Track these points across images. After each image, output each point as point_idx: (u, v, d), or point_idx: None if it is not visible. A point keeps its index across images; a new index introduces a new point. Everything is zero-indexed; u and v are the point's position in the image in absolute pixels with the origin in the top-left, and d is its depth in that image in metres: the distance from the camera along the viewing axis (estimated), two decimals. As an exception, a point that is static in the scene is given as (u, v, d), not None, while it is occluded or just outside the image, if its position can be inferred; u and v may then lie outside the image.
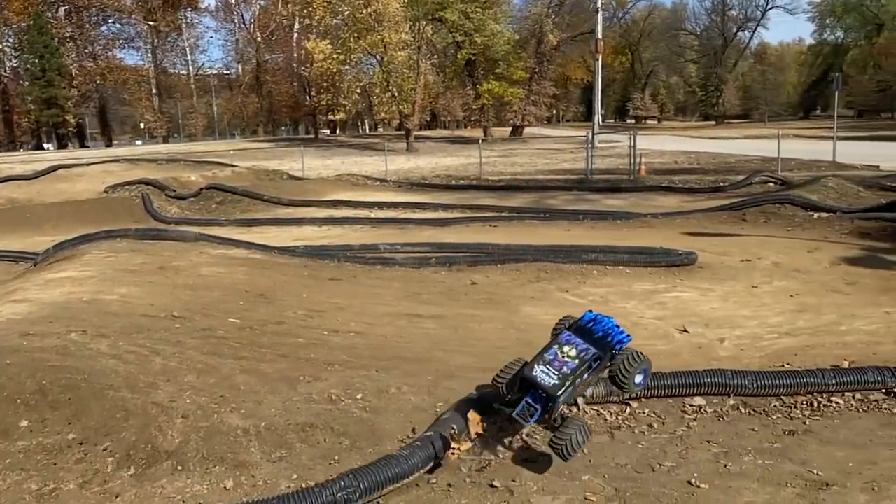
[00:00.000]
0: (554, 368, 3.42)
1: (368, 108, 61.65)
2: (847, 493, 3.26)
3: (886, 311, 6.39)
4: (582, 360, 3.45)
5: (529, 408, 3.41)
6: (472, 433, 3.80)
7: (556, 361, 3.45)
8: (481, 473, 3.50)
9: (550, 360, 3.46)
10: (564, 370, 3.42)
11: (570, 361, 3.44)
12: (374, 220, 13.61)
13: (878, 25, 70.29)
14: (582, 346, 3.50)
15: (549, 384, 3.38)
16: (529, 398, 3.43)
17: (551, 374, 3.40)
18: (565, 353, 3.48)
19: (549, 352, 3.49)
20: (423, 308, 6.68)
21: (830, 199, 12.14)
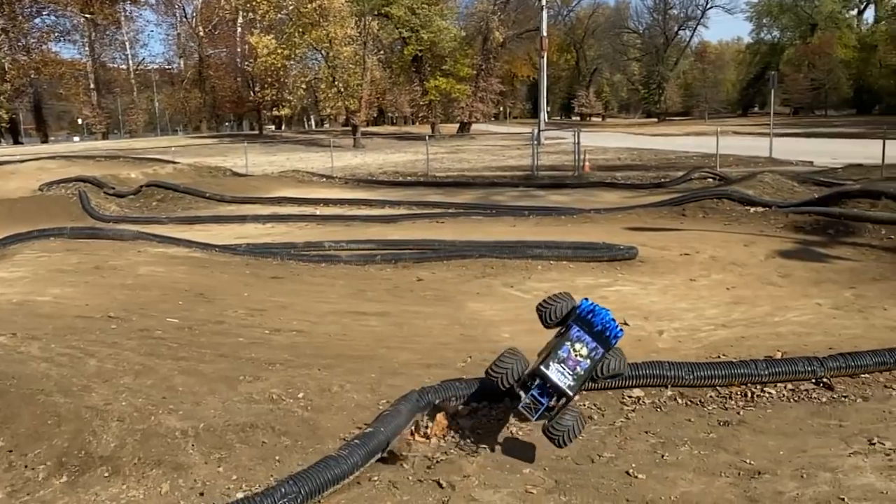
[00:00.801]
0: (568, 368, 3.44)
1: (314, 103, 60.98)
2: (777, 480, 3.37)
3: (817, 302, 6.61)
4: (593, 361, 3.50)
5: (536, 402, 3.44)
6: (436, 433, 3.81)
7: (570, 360, 3.47)
8: (425, 470, 3.51)
9: (564, 358, 3.46)
10: (578, 370, 3.46)
11: (583, 361, 3.48)
12: (319, 218, 13.46)
13: (812, 25, 72.69)
14: (591, 346, 3.53)
15: (565, 385, 3.41)
16: (536, 393, 3.44)
17: (566, 374, 3.43)
18: (577, 351, 3.50)
19: (562, 349, 3.48)
20: (367, 305, 6.65)
21: (766, 194, 12.49)
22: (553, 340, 3.63)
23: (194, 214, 15.17)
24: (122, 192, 18.34)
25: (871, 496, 3.18)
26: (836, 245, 9.00)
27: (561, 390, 3.40)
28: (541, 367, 3.41)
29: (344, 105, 46.49)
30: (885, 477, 3.34)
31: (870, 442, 3.70)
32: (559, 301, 3.71)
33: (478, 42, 55.51)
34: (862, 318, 6.04)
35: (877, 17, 72.64)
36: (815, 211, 10.38)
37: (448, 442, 3.80)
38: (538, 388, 3.44)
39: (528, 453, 3.69)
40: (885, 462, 3.48)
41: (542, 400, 3.41)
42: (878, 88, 66.84)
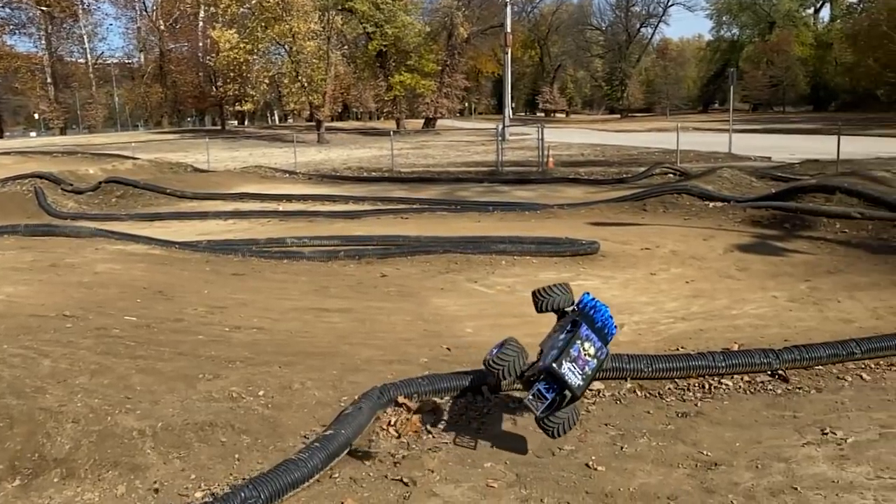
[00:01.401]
0: (578, 367, 3.47)
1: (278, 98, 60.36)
2: (733, 471, 3.43)
3: (774, 295, 6.75)
4: (599, 361, 3.57)
5: (541, 396, 3.44)
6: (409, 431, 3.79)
7: (580, 360, 3.50)
8: (387, 466, 3.50)
9: (575, 357, 3.48)
10: (587, 370, 3.50)
11: (591, 361, 3.52)
12: (282, 214, 13.34)
13: (771, 23, 74.00)
14: (598, 345, 3.59)
15: (575, 384, 3.44)
16: (542, 387, 3.44)
17: (576, 374, 3.45)
18: (586, 350, 3.53)
19: (573, 348, 3.49)
20: (330, 302, 6.61)
21: (725, 189, 12.71)
22: (558, 335, 3.62)
23: (155, 211, 14.93)
24: (81, 188, 17.96)
25: (822, 485, 3.25)
26: (792, 239, 9.19)
27: (573, 391, 3.45)
28: (553, 365, 3.41)
29: (308, 100, 46.06)
30: (837, 466, 3.42)
31: (822, 432, 3.78)
32: (560, 294, 3.75)
33: (442, 38, 55.44)
34: (817, 311, 6.18)
35: (832, 16, 74.24)
36: (772, 205, 10.58)
37: (409, 437, 3.80)
38: (545, 382, 3.45)
39: (489, 447, 3.71)
40: (837, 452, 3.57)
41: (548, 395, 3.44)
42: (833, 85, 68.33)
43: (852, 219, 9.45)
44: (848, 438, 3.69)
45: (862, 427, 3.83)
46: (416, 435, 3.76)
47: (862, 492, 3.17)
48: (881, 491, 3.17)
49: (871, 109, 57.70)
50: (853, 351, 4.72)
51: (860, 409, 4.07)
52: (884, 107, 58.37)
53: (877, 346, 4.79)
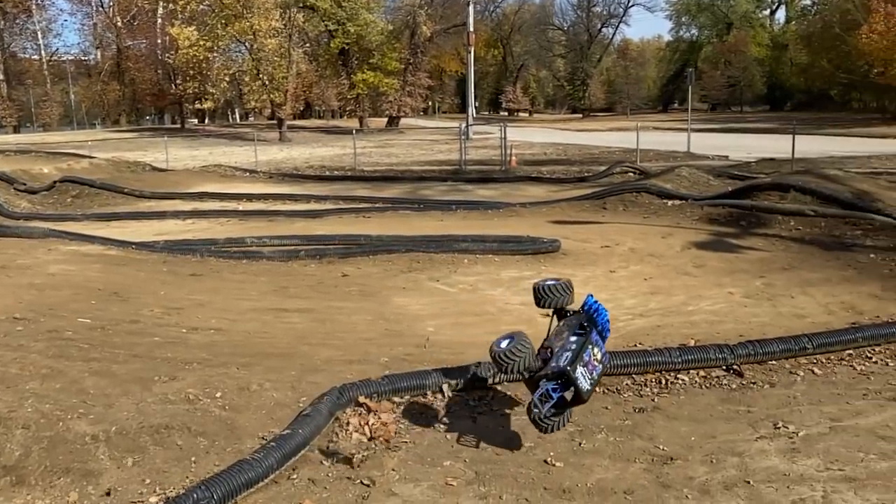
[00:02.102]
0: (588, 372, 3.51)
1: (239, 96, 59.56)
2: (688, 465, 3.49)
3: (729, 291, 6.87)
4: (603, 367, 3.64)
5: (549, 396, 3.44)
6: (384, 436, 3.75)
7: (590, 365, 3.53)
8: (345, 466, 3.48)
9: (587, 361, 3.52)
10: (594, 375, 3.55)
11: (598, 366, 3.58)
12: (242, 213, 13.18)
13: (728, 24, 75.27)
14: (603, 350, 3.66)
15: (585, 389, 3.47)
16: (551, 388, 3.44)
17: (587, 379, 3.49)
18: (595, 355, 3.58)
19: (586, 352, 3.53)
20: (290, 302, 6.55)
21: (683, 187, 12.89)
22: (568, 337, 3.62)
23: (111, 211, 14.63)
24: (35, 188, 17.52)
25: (774, 478, 3.32)
26: (747, 236, 9.37)
27: (582, 395, 3.48)
28: (569, 368, 3.42)
29: (269, 98, 45.61)
30: (788, 459, 3.49)
31: (775, 426, 3.86)
32: (564, 294, 3.78)
33: (405, 36, 55.25)
34: (770, 306, 6.31)
35: (787, 18, 75.85)
36: (728, 203, 10.78)
37: (369, 437, 3.78)
38: (555, 383, 3.46)
39: (451, 445, 3.71)
40: (789, 445, 3.64)
41: (554, 395, 3.46)
42: (789, 86, 69.76)
43: (806, 216, 9.67)
44: (799, 432, 3.78)
45: (813, 421, 3.92)
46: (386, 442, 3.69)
47: (812, 484, 3.25)
48: (830, 483, 3.25)
49: (825, 109, 59.16)
50: (805, 346, 4.83)
51: (811, 402, 4.17)
52: (837, 107, 59.92)
53: (828, 341, 4.91)
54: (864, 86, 49.17)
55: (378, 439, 3.75)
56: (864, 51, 40.14)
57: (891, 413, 4.00)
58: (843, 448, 3.58)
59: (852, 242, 8.65)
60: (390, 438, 3.75)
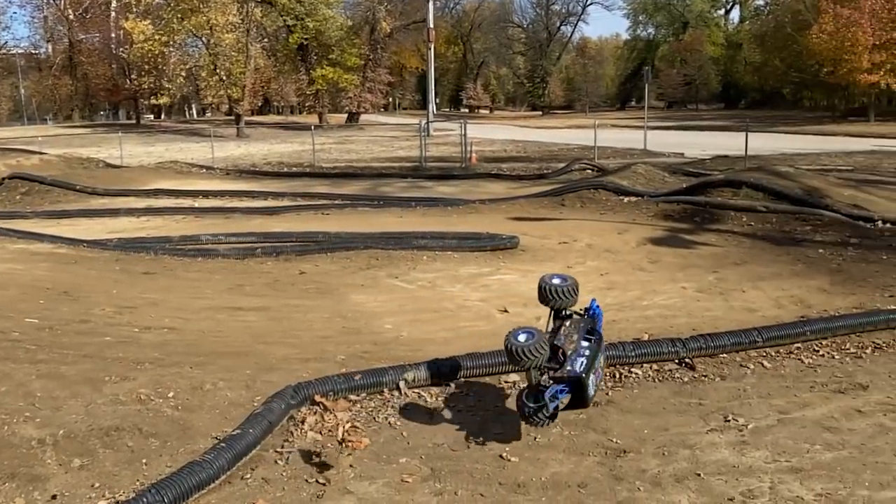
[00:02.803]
0: (595, 378, 3.61)
1: (195, 92, 58.68)
2: (641, 458, 3.54)
3: (682, 286, 6.99)
4: (602, 372, 3.75)
5: (555, 397, 3.50)
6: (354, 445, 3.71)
7: (597, 372, 3.63)
8: (300, 465, 3.45)
9: (597, 368, 3.62)
10: (597, 381, 3.67)
11: (600, 372, 3.71)
12: (198, 210, 12.97)
13: (685, 23, 76.49)
14: (603, 357, 3.76)
15: (591, 394, 3.60)
16: (559, 390, 3.50)
17: (594, 386, 3.59)
18: (601, 362, 3.71)
19: (597, 361, 3.62)
20: (245, 300, 6.47)
21: (639, 184, 13.07)
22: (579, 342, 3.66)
23: (63, 208, 14.27)
24: (-19, 184, 17.02)
25: (724, 470, 3.38)
26: (701, 232, 9.54)
27: (587, 402, 3.59)
28: (584, 376, 3.48)
29: (227, 94, 45.01)
30: (738, 452, 3.56)
31: (725, 419, 3.93)
32: (571, 298, 3.81)
33: (365, 32, 54.98)
34: (723, 301, 6.43)
35: (741, 17, 77.41)
36: (682, 200, 10.96)
37: (324, 436, 3.76)
38: (564, 385, 3.50)
39: (407, 442, 3.71)
40: (738, 438, 3.72)
41: (560, 396, 3.51)
42: (743, 84, 71.19)
43: (757, 212, 9.88)
44: (749, 424, 3.86)
45: (762, 413, 4.01)
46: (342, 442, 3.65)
47: (760, 476, 3.32)
48: (777, 474, 3.32)
49: (778, 107, 60.59)
50: (755, 339, 4.94)
51: (761, 395, 4.26)
52: (789, 105, 61.39)
53: (777, 335, 5.03)
54: (815, 84, 50.45)
55: (334, 437, 3.73)
56: (815, 50, 41.13)
57: (836, 405, 4.10)
58: (791, 440, 3.67)
59: (802, 238, 8.87)
60: (347, 438, 3.73)
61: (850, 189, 11.44)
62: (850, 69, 39.22)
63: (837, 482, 3.23)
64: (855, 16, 37.90)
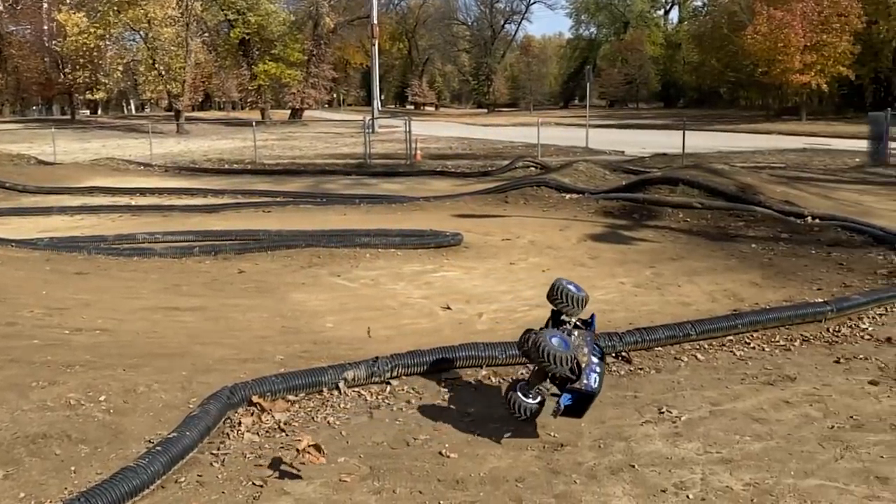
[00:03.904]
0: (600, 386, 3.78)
1: (134, 87, 57.06)
2: (578, 451, 3.59)
3: (621, 281, 7.12)
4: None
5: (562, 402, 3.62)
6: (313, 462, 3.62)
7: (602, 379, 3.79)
8: (236, 467, 3.40)
9: (599, 373, 3.75)
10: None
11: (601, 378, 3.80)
12: (134, 208, 12.63)
13: (625, 23, 77.89)
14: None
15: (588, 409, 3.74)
16: (566, 399, 3.61)
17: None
18: (603, 368, 3.87)
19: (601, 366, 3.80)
20: (182, 300, 6.33)
21: (581, 181, 13.26)
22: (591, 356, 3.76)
23: (-10, 207, 13.71)
24: None
25: (657, 462, 3.46)
26: (639, 228, 9.73)
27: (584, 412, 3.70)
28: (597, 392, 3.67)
29: (166, 89, 43.96)
30: (671, 443, 3.65)
31: (659, 411, 4.02)
32: (577, 307, 3.88)
33: (308, 27, 54.32)
34: (659, 295, 6.58)
35: (680, 18, 79.09)
36: (622, 197, 11.17)
37: (262, 437, 3.71)
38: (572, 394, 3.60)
39: (346, 441, 3.69)
40: (672, 429, 3.81)
41: (564, 402, 3.61)
42: (682, 83, 72.90)
43: (693, 209, 10.14)
44: (682, 416, 3.95)
45: (695, 405, 4.11)
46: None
47: (692, 467, 3.40)
48: (709, 465, 3.42)
49: (715, 106, 62.24)
50: (689, 332, 5.07)
51: (694, 388, 4.37)
52: (726, 104, 63.11)
53: (710, 328, 5.17)
54: (750, 84, 51.93)
55: (271, 439, 3.68)
56: (750, 51, 42.33)
57: (765, 396, 4.24)
58: (722, 431, 3.77)
59: (735, 233, 9.13)
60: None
61: (782, 186, 11.84)
62: (782, 69, 40.53)
63: (765, 472, 3.34)
64: (787, 18, 39.15)
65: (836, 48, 40.00)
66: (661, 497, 3.15)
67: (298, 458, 3.31)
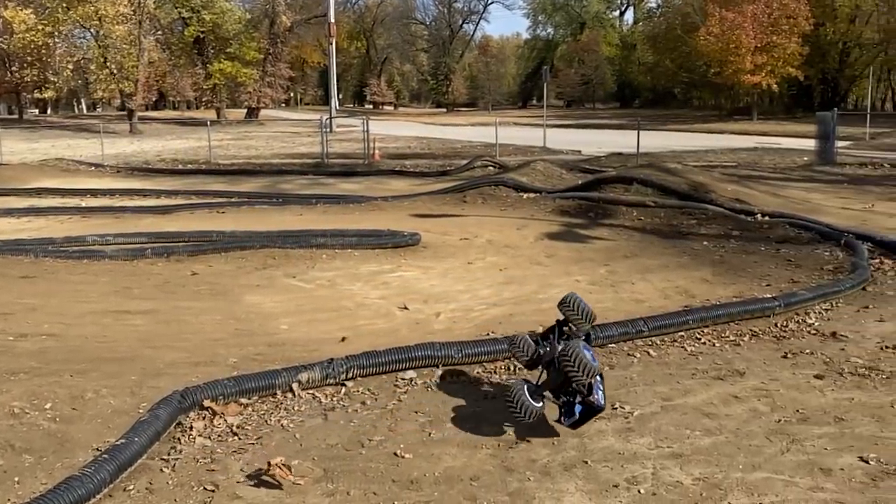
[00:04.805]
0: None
1: (85, 86, 55.75)
2: (532, 448, 3.62)
3: (577, 279, 7.20)
4: None
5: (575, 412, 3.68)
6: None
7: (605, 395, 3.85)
8: (186, 472, 3.34)
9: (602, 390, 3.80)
10: None
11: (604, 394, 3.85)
12: (85, 210, 12.33)
13: (582, 24, 78.73)
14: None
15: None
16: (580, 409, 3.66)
17: None
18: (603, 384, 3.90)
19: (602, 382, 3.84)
20: (133, 303, 6.20)
21: (538, 181, 13.38)
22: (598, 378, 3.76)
23: (-69, 209, 13.25)
24: None
25: (610, 457, 3.50)
26: (595, 227, 9.85)
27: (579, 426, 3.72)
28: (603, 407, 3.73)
29: (118, 88, 43.02)
30: (623, 439, 3.69)
31: (612, 407, 4.06)
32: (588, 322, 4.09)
33: (265, 26, 53.73)
34: (613, 292, 6.67)
35: (635, 19, 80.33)
36: (578, 196, 11.29)
37: (214, 441, 3.66)
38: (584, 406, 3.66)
39: (300, 444, 3.65)
40: (624, 425, 3.86)
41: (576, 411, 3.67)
42: (637, 84, 73.94)
43: (647, 207, 10.30)
44: (634, 412, 4.01)
45: (647, 400, 4.17)
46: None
47: (643, 462, 3.45)
48: (660, 460, 3.47)
49: (670, 106, 63.30)
50: (642, 329, 5.15)
51: (646, 383, 4.43)
52: (680, 104, 64.24)
53: (662, 324, 5.26)
54: (703, 84, 52.93)
55: (224, 443, 3.63)
56: (703, 52, 43.15)
57: (715, 391, 4.32)
58: (673, 426, 3.83)
59: (688, 231, 9.30)
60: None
61: (733, 184, 12.08)
62: (734, 70, 41.38)
63: (714, 466, 3.40)
64: (739, 19, 39.99)
65: (786, 49, 40.99)
66: (613, 492, 3.19)
67: (269, 472, 3.26)
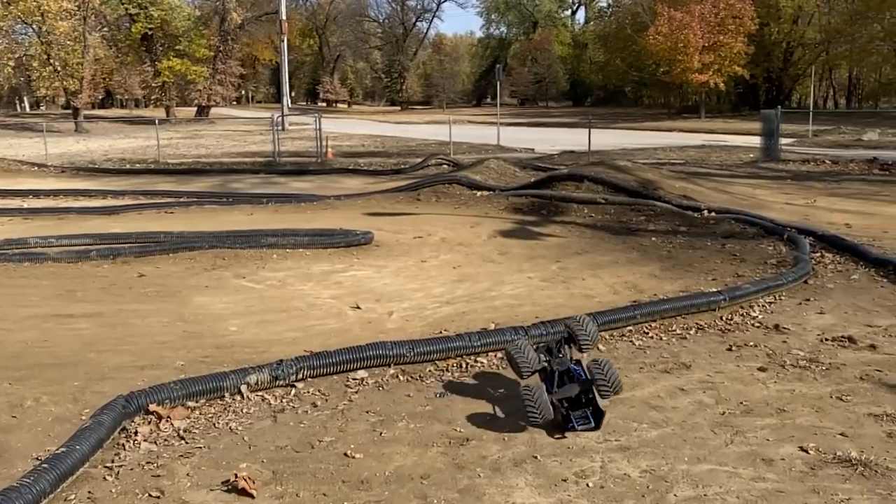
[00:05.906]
0: None
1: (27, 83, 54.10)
2: (482, 445, 3.63)
3: (529, 276, 7.25)
4: None
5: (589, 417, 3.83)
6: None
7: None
8: (131, 479, 3.27)
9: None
10: None
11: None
12: (26, 211, 11.96)
13: (534, 23, 79.30)
14: None
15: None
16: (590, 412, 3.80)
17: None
18: None
19: None
20: (77, 307, 6.04)
21: (492, 178, 13.43)
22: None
23: None
24: None
25: (559, 452, 3.54)
26: (547, 224, 9.94)
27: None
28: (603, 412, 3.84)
29: (62, 86, 41.83)
30: (572, 433, 3.74)
31: (562, 401, 4.11)
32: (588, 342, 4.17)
33: (215, 23, 52.77)
34: (564, 289, 6.73)
35: (587, 18, 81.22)
36: (530, 194, 11.37)
37: (160, 446, 3.59)
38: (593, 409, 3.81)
39: (248, 447, 3.61)
40: (574, 418, 3.90)
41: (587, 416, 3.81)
42: (589, 83, 74.82)
43: (598, 204, 10.42)
44: (583, 406, 4.05)
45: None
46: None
47: (592, 455, 3.50)
48: (608, 453, 3.52)
49: (621, 105, 64.22)
50: (591, 324, 5.18)
51: (595, 377, 4.48)
52: (630, 102, 65.22)
53: (611, 319, 5.32)
54: (653, 83, 53.72)
55: (170, 448, 3.56)
56: (652, 51, 43.80)
57: (662, 384, 4.40)
58: (621, 419, 3.89)
59: (637, 227, 9.45)
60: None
61: (681, 181, 12.30)
62: (683, 69, 42.13)
63: (660, 458, 3.46)
64: (687, 19, 40.72)
65: (732, 49, 41.87)
66: (562, 486, 3.22)
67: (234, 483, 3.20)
